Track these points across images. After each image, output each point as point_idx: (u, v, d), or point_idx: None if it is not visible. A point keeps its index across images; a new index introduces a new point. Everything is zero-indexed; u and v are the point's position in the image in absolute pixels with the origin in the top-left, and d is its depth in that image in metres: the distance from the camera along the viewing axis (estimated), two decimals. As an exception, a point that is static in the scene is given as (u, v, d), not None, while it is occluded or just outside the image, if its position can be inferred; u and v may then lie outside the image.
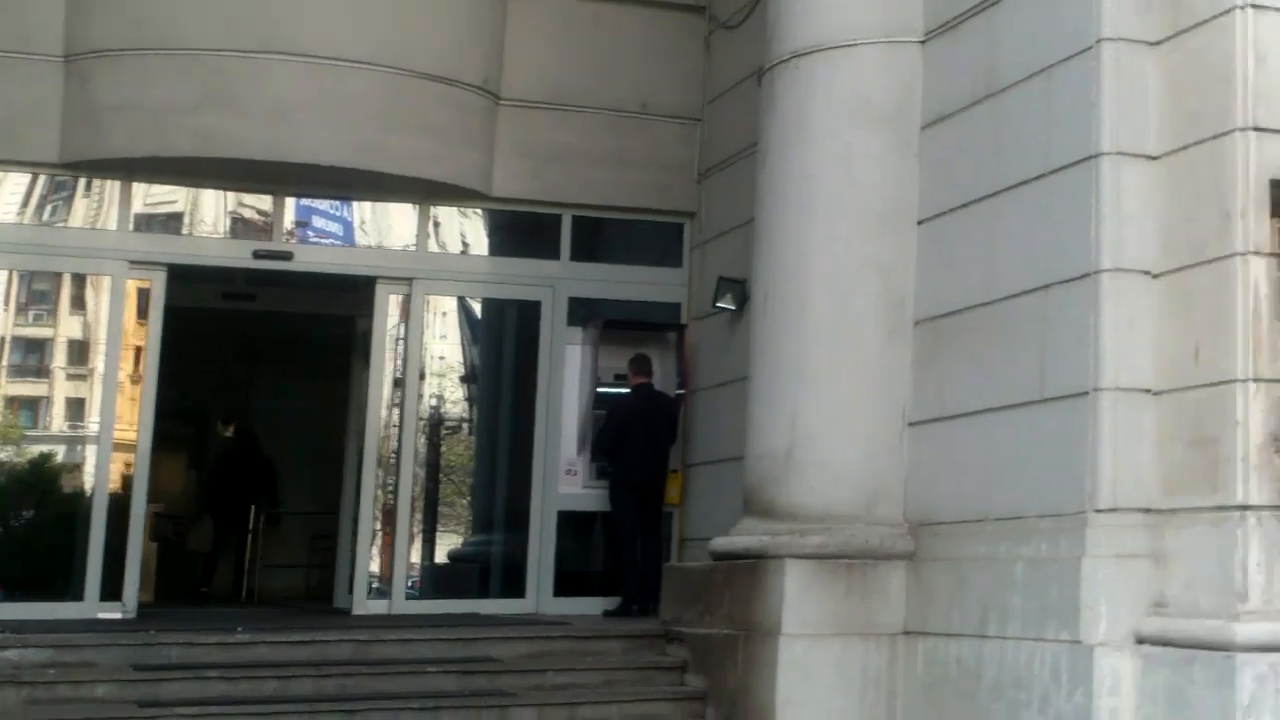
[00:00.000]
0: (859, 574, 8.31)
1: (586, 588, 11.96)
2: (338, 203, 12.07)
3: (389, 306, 11.89)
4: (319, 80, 10.95)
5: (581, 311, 12.19)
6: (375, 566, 11.85)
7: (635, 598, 11.08)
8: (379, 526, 11.87)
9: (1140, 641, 6.82)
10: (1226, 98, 6.89)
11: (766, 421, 8.97)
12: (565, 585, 11.84)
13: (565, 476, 11.95)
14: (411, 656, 9.07)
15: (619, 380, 11.82)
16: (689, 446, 11.99)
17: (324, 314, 14.04)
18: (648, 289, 12.42)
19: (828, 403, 8.71)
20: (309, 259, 11.84)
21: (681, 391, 12.09)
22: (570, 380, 12.06)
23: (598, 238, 12.52)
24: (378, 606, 11.41)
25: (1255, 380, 6.61)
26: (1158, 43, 7.31)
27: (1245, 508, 6.53)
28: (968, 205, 8.25)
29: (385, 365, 11.98)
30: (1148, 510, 7.01)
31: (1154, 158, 7.24)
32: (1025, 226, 7.76)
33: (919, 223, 8.68)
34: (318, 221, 12.15)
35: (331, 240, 12.18)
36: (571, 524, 12.00)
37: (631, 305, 12.35)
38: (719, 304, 11.30)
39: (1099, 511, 7.03)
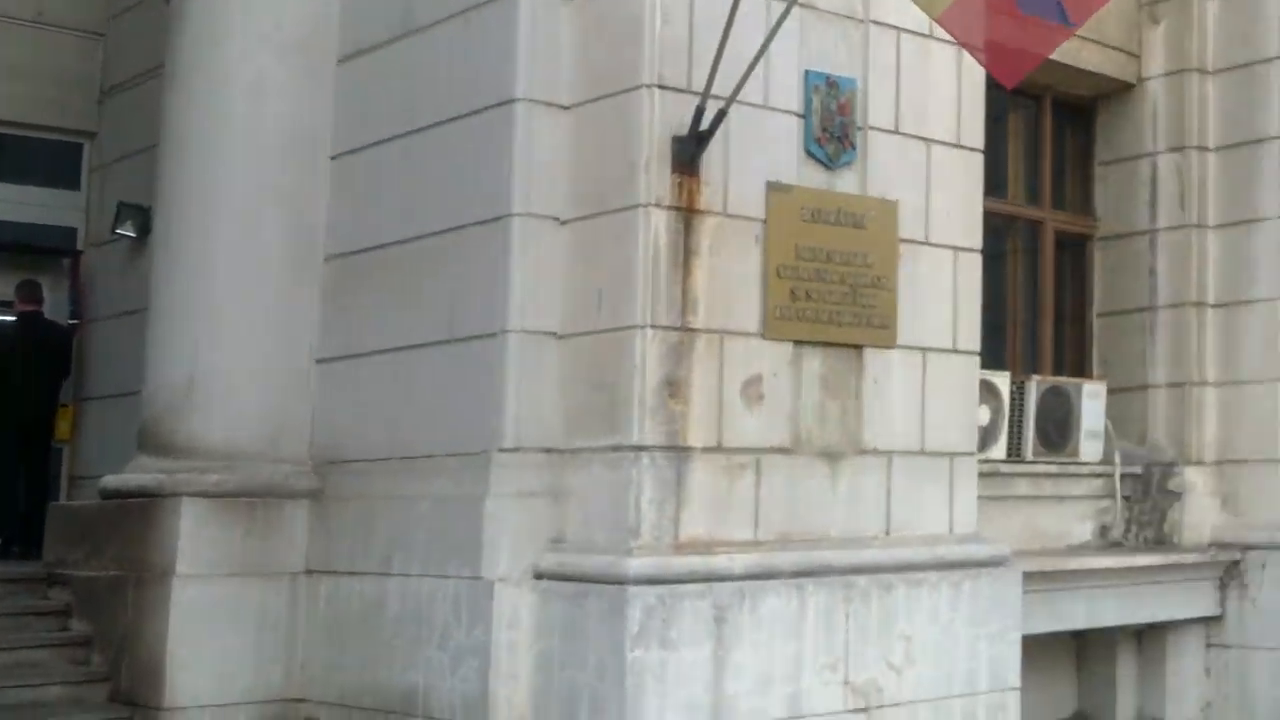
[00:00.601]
0: (260, 513, 8.13)
1: (-40, 530, 11.12)
2: None
3: None
4: None
5: (-39, 232, 11.30)
6: None
7: (16, 539, 10.52)
8: None
9: (539, 577, 7.02)
10: (634, 54, 7.11)
11: (166, 354, 8.62)
12: (-65, 528, 10.96)
13: (-65, 410, 11.05)
14: None
15: (3, 307, 11.05)
16: (83, 380, 11.42)
17: None
18: (41, 211, 11.70)
19: (231, 336, 8.44)
20: None
21: (75, 321, 11.46)
22: (-54, 306, 11.19)
23: (-16, 155, 11.62)
24: None
25: (653, 327, 6.91)
26: (573, -4, 7.48)
27: (640, 448, 6.84)
28: (385, 142, 8.18)
29: None
30: (550, 450, 7.22)
31: (566, 108, 7.42)
32: (441, 167, 7.78)
33: (333, 157, 8.54)
34: None
35: None
36: (-57, 462, 11.12)
37: (21, 227, 11.55)
38: (119, 230, 10.81)
39: (503, 451, 7.17)
